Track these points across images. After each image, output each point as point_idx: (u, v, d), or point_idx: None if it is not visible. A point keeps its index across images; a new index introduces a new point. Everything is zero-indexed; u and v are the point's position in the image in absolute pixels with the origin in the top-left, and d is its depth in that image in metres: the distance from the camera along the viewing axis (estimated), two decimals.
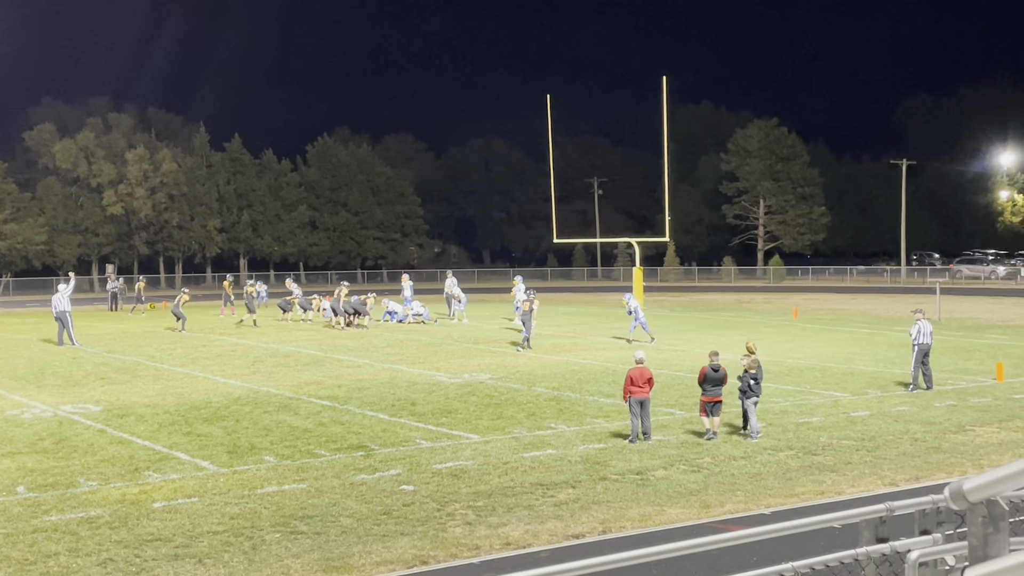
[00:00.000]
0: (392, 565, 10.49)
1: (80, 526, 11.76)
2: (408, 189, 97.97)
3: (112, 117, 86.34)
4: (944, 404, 19.98)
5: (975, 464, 14.86)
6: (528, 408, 19.72)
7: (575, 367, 26.02)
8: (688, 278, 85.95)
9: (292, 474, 14.34)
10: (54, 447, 16.31)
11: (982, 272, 75.56)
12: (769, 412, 18.71)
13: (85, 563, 10.48)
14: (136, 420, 18.75)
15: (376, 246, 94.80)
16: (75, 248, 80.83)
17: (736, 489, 13.45)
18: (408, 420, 18.55)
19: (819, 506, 12.76)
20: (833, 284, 74.74)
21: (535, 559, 10.66)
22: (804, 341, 32.34)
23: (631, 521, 12.03)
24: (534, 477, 14.08)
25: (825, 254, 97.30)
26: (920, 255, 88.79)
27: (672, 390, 21.52)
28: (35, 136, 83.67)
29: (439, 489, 13.44)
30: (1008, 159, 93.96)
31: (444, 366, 26.44)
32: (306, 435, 17.17)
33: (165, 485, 13.72)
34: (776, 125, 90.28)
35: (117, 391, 22.50)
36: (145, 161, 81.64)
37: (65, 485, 13.73)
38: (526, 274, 58.78)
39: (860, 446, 16.07)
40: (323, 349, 30.67)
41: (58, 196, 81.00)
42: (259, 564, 10.46)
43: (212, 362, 27.87)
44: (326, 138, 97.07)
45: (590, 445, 16.18)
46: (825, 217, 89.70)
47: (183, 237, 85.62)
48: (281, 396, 21.55)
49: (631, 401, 16.25)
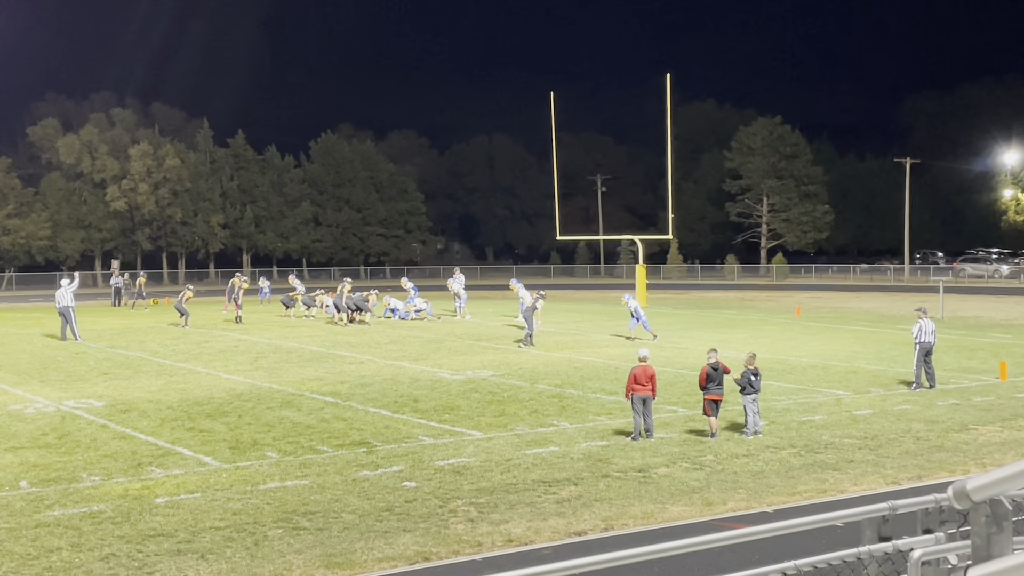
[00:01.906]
0: (394, 561, 10.50)
1: (83, 521, 11.78)
2: (411, 186, 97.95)
3: (116, 112, 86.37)
4: (947, 403, 19.96)
5: (978, 463, 14.85)
6: (530, 405, 19.72)
7: (578, 364, 26.02)
8: (691, 276, 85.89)
9: (294, 470, 14.36)
10: (57, 442, 16.33)
11: (985, 271, 75.43)
12: (771, 410, 18.71)
13: (87, 558, 10.50)
14: (139, 415, 18.77)
15: (379, 243, 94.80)
16: (78, 243, 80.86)
17: (738, 487, 13.45)
18: (410, 416, 18.56)
19: (821, 504, 12.76)
20: (836, 282, 74.65)
21: (537, 556, 10.66)
22: (807, 339, 32.32)
23: (633, 519, 12.03)
24: (536, 474, 14.08)
25: (828, 252, 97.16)
26: (924, 253, 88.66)
27: (675, 388, 21.51)
28: (39, 131, 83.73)
29: (441, 486, 13.44)
30: (1012, 158, 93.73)
31: (447, 363, 26.44)
32: (308, 431, 17.18)
33: (168, 480, 13.73)
34: (780, 123, 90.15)
35: (120, 386, 22.52)
36: (148, 157, 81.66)
37: (68, 480, 13.75)
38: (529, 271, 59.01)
39: (863, 444, 16.06)
40: (326, 345, 30.68)
41: (61, 191, 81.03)
42: (261, 560, 10.47)
43: (215, 358, 27.89)
44: (329, 134, 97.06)
45: (592, 442, 16.18)
46: (829, 215, 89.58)
47: (186, 233, 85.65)
48: (284, 392, 21.56)
49: (634, 398, 16.25)
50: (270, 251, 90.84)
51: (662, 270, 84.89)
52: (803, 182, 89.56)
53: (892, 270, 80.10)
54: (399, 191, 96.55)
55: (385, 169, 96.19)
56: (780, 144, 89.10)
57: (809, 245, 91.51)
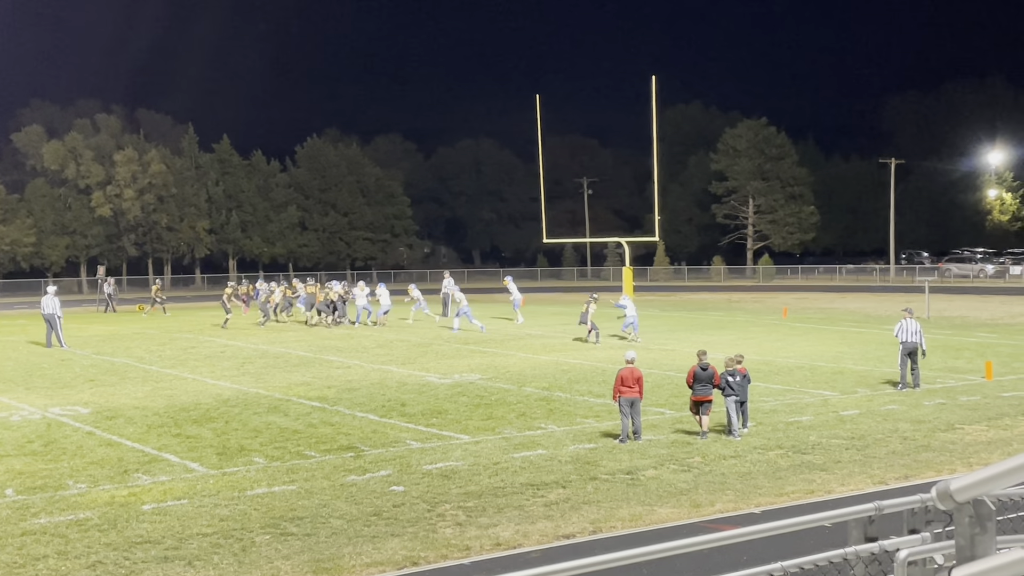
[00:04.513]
0: (382, 566, 10.48)
1: (69, 529, 11.72)
2: (398, 190, 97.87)
3: (100, 118, 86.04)
4: (933, 402, 20.04)
5: (964, 462, 14.91)
6: (518, 408, 19.72)
7: (565, 367, 26.03)
8: (678, 277, 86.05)
9: (282, 475, 14.32)
10: (43, 449, 16.25)
11: (971, 271, 75.80)
12: (759, 411, 18.75)
13: (74, 566, 10.45)
14: (125, 422, 18.69)
15: (366, 247, 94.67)
16: (63, 250, 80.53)
17: (726, 488, 13.47)
18: (398, 421, 18.53)
19: (809, 505, 12.78)
20: (822, 283, 74.91)
21: (525, 559, 10.65)
22: (794, 340, 32.41)
23: (621, 521, 12.04)
24: (524, 477, 14.08)
25: (814, 253, 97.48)
26: (909, 254, 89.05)
27: (662, 390, 21.54)
28: (23, 137, 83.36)
29: (429, 490, 13.42)
30: (996, 158, 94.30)
31: (434, 366, 26.42)
32: (296, 436, 17.14)
33: (154, 487, 13.68)
34: (765, 124, 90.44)
35: (106, 393, 22.42)
36: (133, 162, 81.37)
37: (54, 487, 13.68)
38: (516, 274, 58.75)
39: (850, 445, 16.11)
40: (313, 350, 30.62)
41: (46, 198, 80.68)
42: (249, 566, 10.44)
43: (201, 363, 27.80)
44: (315, 139, 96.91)
45: (580, 445, 16.18)
46: (814, 216, 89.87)
47: (172, 238, 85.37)
48: (271, 397, 21.51)
49: (621, 401, 16.26)
50: (256, 256, 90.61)
51: (649, 272, 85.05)
52: (789, 183, 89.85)
53: (878, 271, 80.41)
54: (385, 195, 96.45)
55: (371, 173, 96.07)
56: (765, 146, 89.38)
57: (795, 246, 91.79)
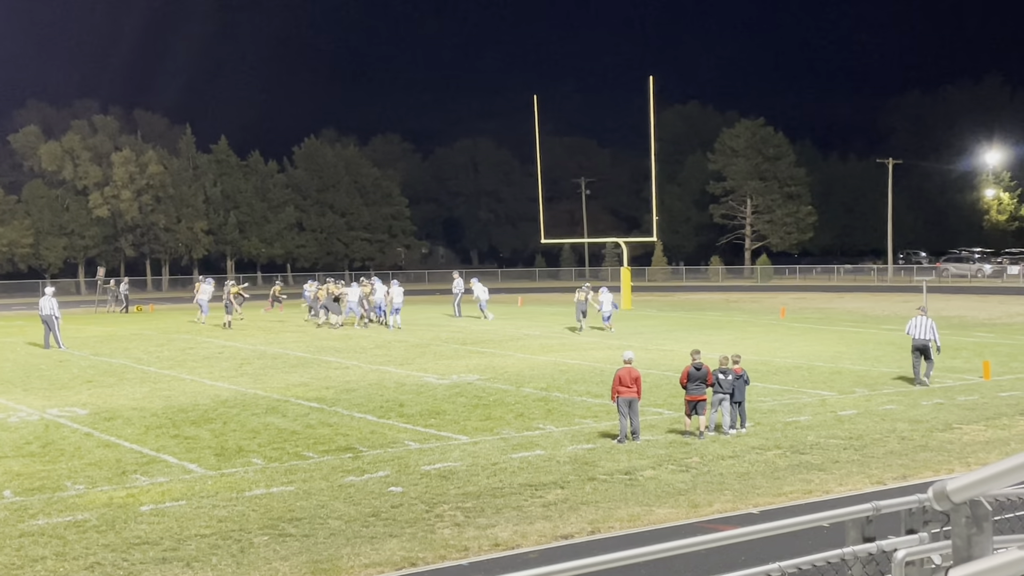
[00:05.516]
0: (381, 567, 10.47)
1: (67, 530, 11.71)
2: (395, 190, 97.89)
3: (98, 119, 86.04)
4: (931, 402, 20.06)
5: (962, 462, 14.91)
6: (516, 409, 19.72)
7: (563, 367, 26.03)
8: (676, 278, 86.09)
9: (280, 476, 14.31)
10: (41, 451, 16.23)
11: (968, 270, 75.87)
12: (757, 411, 18.75)
13: (72, 567, 10.44)
14: (123, 423, 18.68)
15: (363, 247, 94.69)
16: (61, 251, 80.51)
17: (724, 488, 13.48)
18: (396, 421, 18.53)
19: (807, 505, 12.78)
20: (820, 283, 74.93)
21: (524, 560, 10.65)
22: (791, 340, 32.42)
23: (620, 521, 12.04)
24: (523, 478, 14.08)
25: (812, 253, 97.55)
26: (907, 254, 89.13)
27: (660, 390, 21.54)
28: (20, 138, 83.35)
29: (427, 491, 13.42)
30: (994, 158, 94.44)
31: (432, 367, 26.42)
32: (294, 437, 17.13)
33: (152, 488, 13.67)
34: (763, 124, 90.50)
35: (104, 394, 22.41)
36: (131, 163, 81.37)
37: (52, 489, 13.67)
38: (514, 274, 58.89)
39: (848, 445, 16.11)
40: (311, 351, 30.62)
41: (44, 199, 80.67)
42: (247, 567, 10.43)
43: (199, 364, 27.79)
44: (313, 139, 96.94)
45: (578, 445, 16.18)
46: (812, 216, 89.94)
47: (170, 239, 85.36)
48: (269, 398, 21.50)
49: (619, 401, 16.27)
50: (254, 256, 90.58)
51: (647, 272, 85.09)
52: (786, 183, 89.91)
53: (876, 270, 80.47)
54: (383, 195, 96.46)
55: (369, 174, 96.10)
56: (763, 146, 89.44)
57: (793, 246, 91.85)
